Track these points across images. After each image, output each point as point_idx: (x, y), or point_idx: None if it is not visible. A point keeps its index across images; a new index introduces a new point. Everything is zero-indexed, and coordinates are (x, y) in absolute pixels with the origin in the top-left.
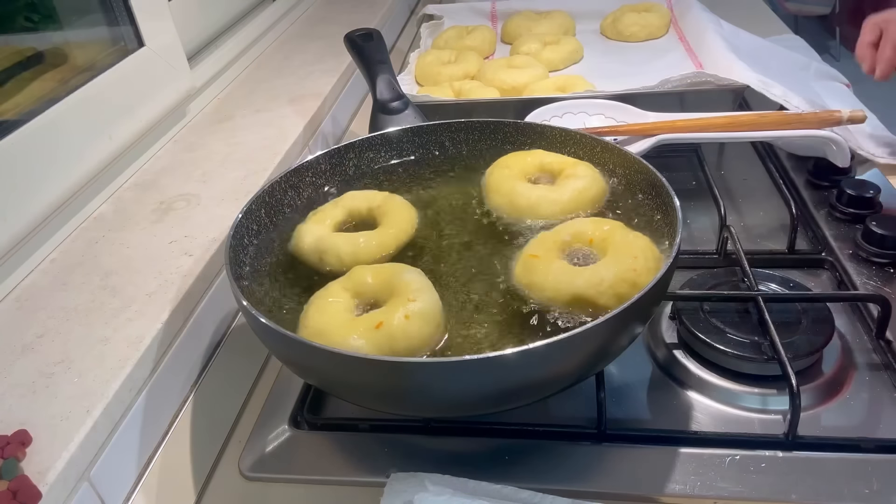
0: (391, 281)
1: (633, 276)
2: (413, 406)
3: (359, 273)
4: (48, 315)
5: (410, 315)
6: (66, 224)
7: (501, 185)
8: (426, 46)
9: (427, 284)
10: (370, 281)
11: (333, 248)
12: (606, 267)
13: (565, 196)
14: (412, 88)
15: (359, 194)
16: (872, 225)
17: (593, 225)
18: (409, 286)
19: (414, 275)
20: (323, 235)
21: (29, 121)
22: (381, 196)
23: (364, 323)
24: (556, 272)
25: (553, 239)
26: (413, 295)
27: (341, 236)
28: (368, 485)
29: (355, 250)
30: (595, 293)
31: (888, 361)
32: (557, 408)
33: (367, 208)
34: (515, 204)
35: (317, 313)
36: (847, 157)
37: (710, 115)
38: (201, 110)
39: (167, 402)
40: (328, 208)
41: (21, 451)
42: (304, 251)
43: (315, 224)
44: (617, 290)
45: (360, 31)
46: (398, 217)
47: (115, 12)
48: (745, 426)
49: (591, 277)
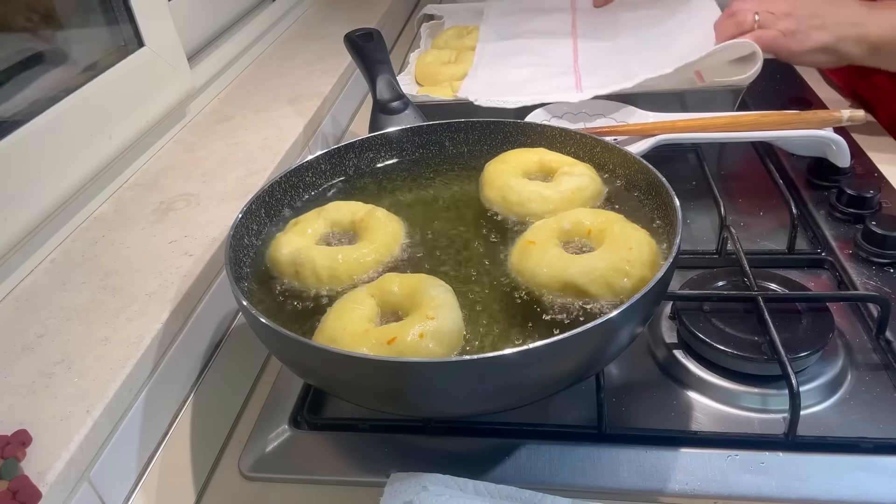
0: (416, 293)
1: (626, 267)
2: (413, 406)
3: (387, 280)
4: (48, 315)
5: (425, 334)
6: (66, 224)
7: (496, 180)
8: (426, 46)
9: (449, 302)
10: (396, 290)
11: (309, 262)
12: (600, 256)
13: (558, 194)
14: (412, 88)
15: (343, 205)
16: (872, 225)
17: (593, 215)
18: (431, 302)
19: (438, 290)
20: (301, 248)
21: (29, 121)
22: (364, 209)
23: (377, 335)
24: (551, 259)
25: (552, 227)
26: (433, 312)
27: (319, 250)
28: (368, 485)
29: (333, 265)
30: (586, 281)
31: (888, 361)
32: (557, 408)
33: (349, 221)
34: (507, 198)
35: (335, 318)
36: (847, 157)
37: (710, 115)
38: (201, 110)
39: (167, 402)
40: (310, 218)
41: (21, 451)
42: (281, 263)
43: (295, 235)
44: (608, 280)
45: (360, 31)
46: (380, 232)
47: (115, 12)
48: (745, 426)
49: (584, 266)
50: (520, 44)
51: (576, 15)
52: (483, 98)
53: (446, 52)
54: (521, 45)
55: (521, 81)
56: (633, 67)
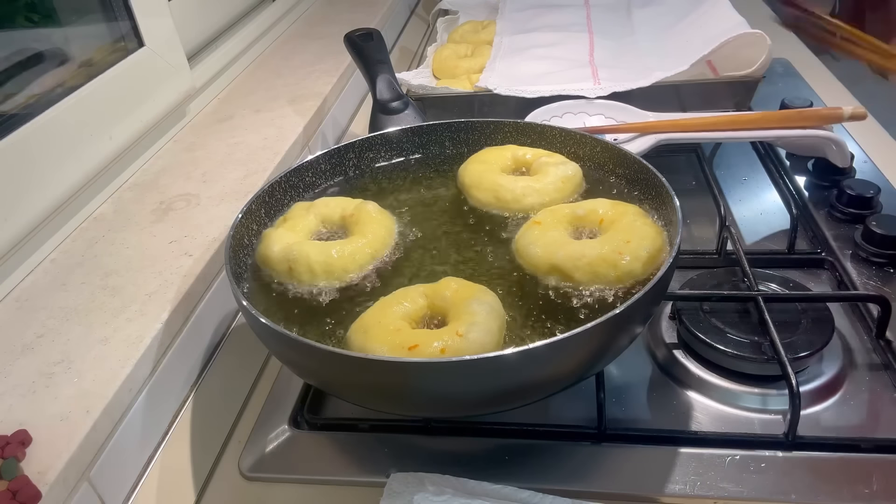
0: (462, 303)
1: (617, 259)
2: (413, 406)
3: (444, 284)
4: (48, 315)
5: (447, 350)
6: (66, 224)
7: (482, 181)
8: (442, 41)
9: (485, 321)
10: (448, 295)
11: (303, 258)
12: (593, 245)
13: (550, 185)
14: (430, 81)
15: (332, 201)
16: (872, 225)
17: (611, 206)
18: (468, 317)
19: (480, 306)
20: (293, 243)
21: (29, 120)
22: (354, 204)
23: (403, 338)
24: (547, 240)
25: (565, 212)
26: (464, 329)
27: (313, 245)
28: (368, 485)
29: (328, 260)
30: (571, 266)
31: (888, 361)
32: (557, 408)
33: (339, 216)
34: (500, 197)
35: (378, 309)
36: (847, 157)
37: (711, 115)
38: (201, 110)
39: (167, 402)
40: (300, 214)
41: (21, 451)
42: (272, 260)
43: (286, 231)
44: (595, 269)
45: (360, 31)
46: (373, 226)
47: (115, 12)
48: (745, 426)
49: (574, 252)
50: (536, 37)
51: (590, 10)
52: (502, 87)
53: (463, 46)
54: (537, 38)
55: (539, 74)
56: (649, 64)
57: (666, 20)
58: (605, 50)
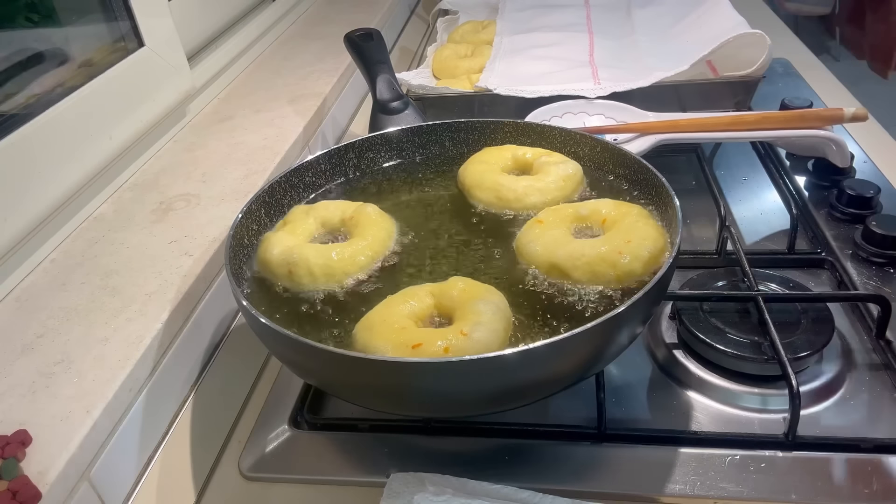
0: (468, 302)
1: (617, 259)
2: (413, 406)
3: (451, 283)
4: (48, 315)
5: (451, 349)
6: (66, 224)
7: (483, 181)
8: (442, 41)
9: (490, 321)
10: (455, 294)
11: (303, 261)
12: (594, 244)
13: (552, 184)
14: (430, 81)
15: (331, 204)
16: (872, 225)
17: (614, 206)
18: (473, 317)
19: (486, 306)
20: (293, 246)
21: (29, 121)
22: (354, 206)
23: (407, 336)
24: (548, 238)
25: (567, 211)
26: (469, 328)
27: (313, 248)
28: (368, 485)
29: (328, 263)
30: (570, 265)
31: (888, 361)
32: (557, 408)
33: (339, 219)
34: (502, 196)
35: (384, 307)
36: (847, 157)
37: (711, 115)
38: (201, 110)
39: (167, 402)
40: (299, 217)
41: (21, 451)
42: (272, 263)
43: (285, 234)
44: (594, 268)
45: (360, 31)
46: (373, 228)
47: (115, 12)
48: (745, 426)
49: (573, 251)
50: (536, 37)
51: (590, 10)
52: (503, 87)
53: (463, 46)
54: (537, 38)
55: (539, 74)
56: (649, 64)
57: (666, 20)
58: (605, 50)
